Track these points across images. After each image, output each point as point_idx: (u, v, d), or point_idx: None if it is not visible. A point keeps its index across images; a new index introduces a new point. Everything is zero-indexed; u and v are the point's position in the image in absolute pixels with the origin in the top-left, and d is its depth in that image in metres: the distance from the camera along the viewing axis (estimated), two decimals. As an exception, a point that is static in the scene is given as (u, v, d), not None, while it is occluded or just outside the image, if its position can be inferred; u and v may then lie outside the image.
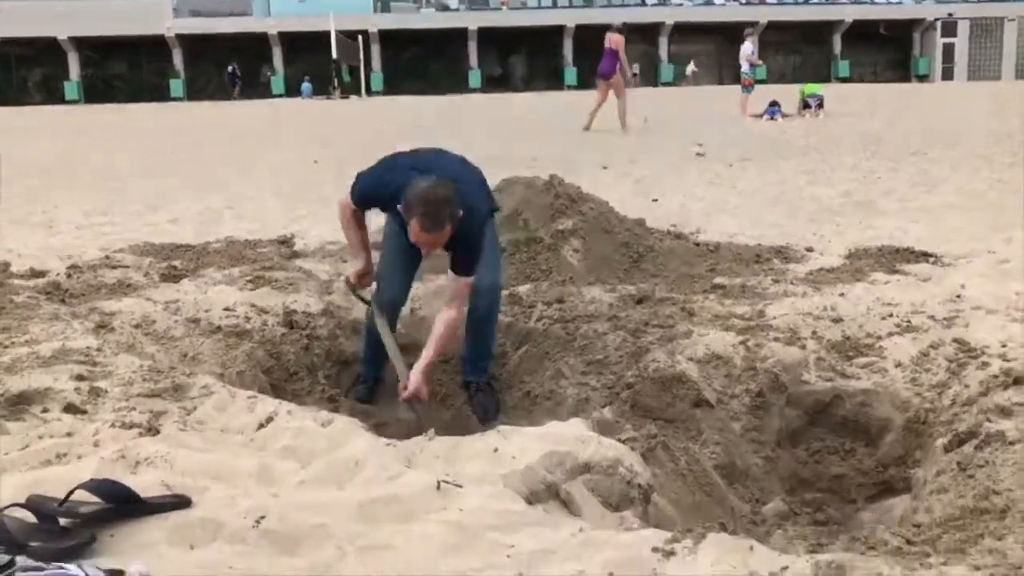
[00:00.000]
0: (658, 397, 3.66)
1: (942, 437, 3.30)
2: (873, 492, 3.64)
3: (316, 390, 4.42)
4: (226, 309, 4.74)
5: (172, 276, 5.52)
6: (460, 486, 2.59)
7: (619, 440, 3.20)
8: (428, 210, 3.40)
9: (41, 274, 5.59)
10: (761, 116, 19.16)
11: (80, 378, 3.49)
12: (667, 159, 11.70)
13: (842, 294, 4.71)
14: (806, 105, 20.08)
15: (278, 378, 4.45)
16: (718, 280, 5.13)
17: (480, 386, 4.32)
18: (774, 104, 19.61)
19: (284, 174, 11.04)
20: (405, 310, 4.78)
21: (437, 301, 4.59)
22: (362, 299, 4.21)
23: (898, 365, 3.90)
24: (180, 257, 6.06)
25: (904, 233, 6.48)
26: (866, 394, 3.78)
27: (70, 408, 3.19)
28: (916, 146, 12.36)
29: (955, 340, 3.96)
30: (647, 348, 4.12)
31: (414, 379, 3.76)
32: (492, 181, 3.37)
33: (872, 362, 3.96)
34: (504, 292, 4.90)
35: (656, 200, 8.33)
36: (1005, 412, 3.12)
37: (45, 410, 3.20)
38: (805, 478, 3.75)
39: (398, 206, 3.57)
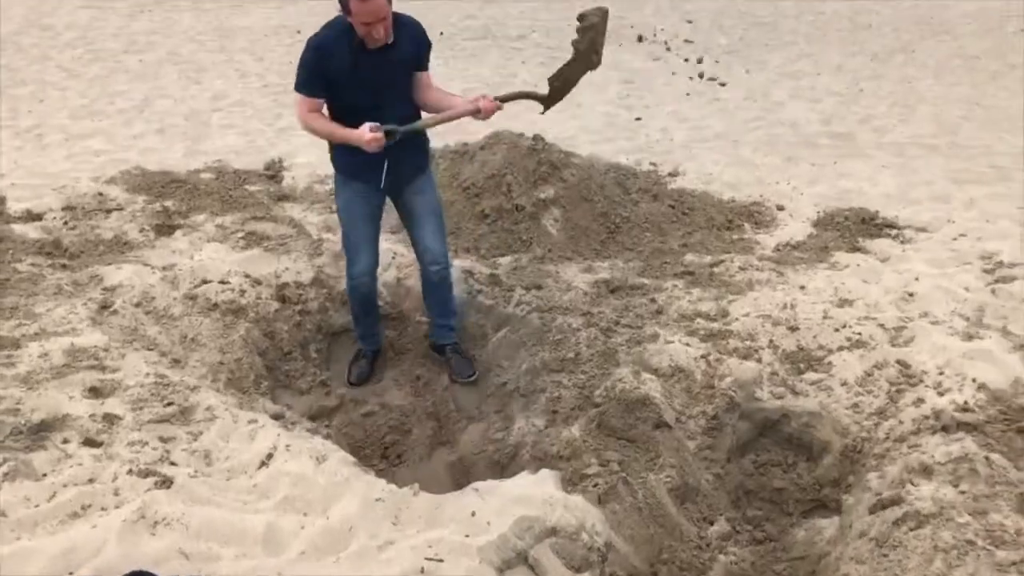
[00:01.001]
0: (623, 419, 4.02)
1: (874, 473, 3.73)
2: (808, 508, 4.09)
3: (308, 372, 4.76)
4: (222, 282, 4.98)
5: (166, 227, 5.71)
6: (441, 560, 2.99)
7: (584, 479, 3.62)
8: None
9: (38, 216, 5.76)
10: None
11: (93, 391, 3.82)
12: (652, 51, 11.58)
13: (803, 287, 5.01)
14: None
15: (273, 358, 4.77)
16: (688, 258, 5.40)
17: (453, 347, 4.80)
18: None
19: (264, 52, 10.87)
20: (390, 277, 5.10)
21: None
22: (389, 131, 3.96)
23: (844, 384, 4.27)
24: (172, 196, 6.21)
25: (874, 186, 6.69)
26: (811, 416, 4.16)
27: (88, 442, 3.51)
28: (906, 38, 12.26)
29: (898, 361, 4.31)
30: (615, 351, 4.47)
31: (484, 104, 4.05)
32: (480, 64, 3.49)
33: (820, 379, 4.32)
34: (485, 270, 5.19)
35: (639, 119, 8.40)
36: (927, 471, 3.52)
37: (65, 440, 3.53)
38: (750, 489, 4.18)
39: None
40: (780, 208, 6.32)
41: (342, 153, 4.19)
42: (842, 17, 13.83)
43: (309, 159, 7.10)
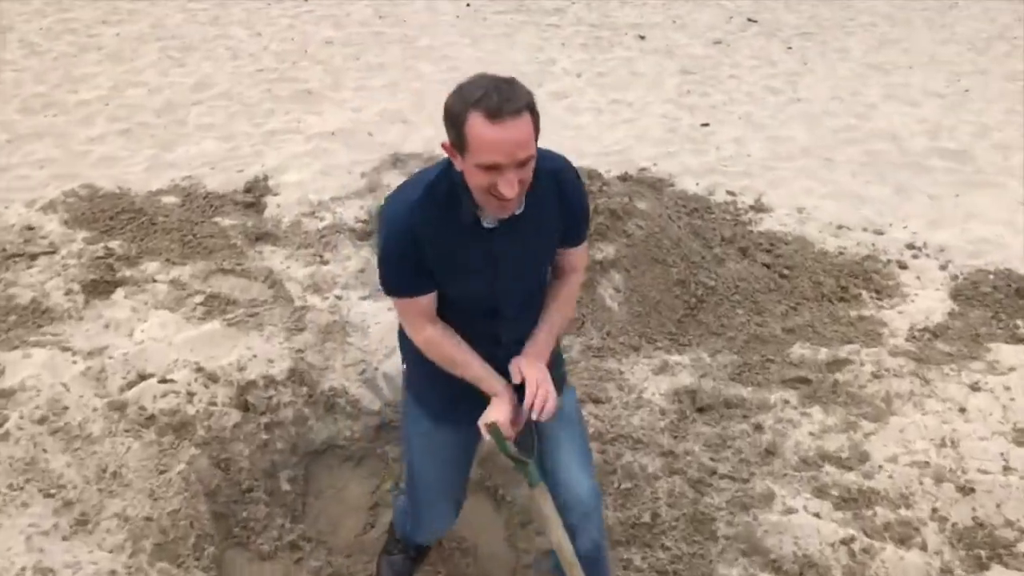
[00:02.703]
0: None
1: None
2: None
3: (274, 524, 3.41)
4: (164, 381, 3.63)
5: (104, 284, 4.35)
6: None
7: None
8: (493, 84, 2.05)
9: (-59, 263, 4.42)
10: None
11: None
12: (712, 27, 10.03)
13: (962, 408, 3.62)
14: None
15: (225, 501, 3.42)
16: (798, 351, 4.00)
17: None
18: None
19: (263, 25, 9.41)
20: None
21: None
22: (515, 458, 2.38)
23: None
24: (121, 232, 4.85)
25: (1015, 233, 5.25)
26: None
27: None
28: (1002, 21, 10.64)
29: None
30: (712, 518, 3.10)
31: (531, 375, 2.34)
32: (512, 46, 2.13)
33: (1013, 583, 2.95)
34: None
35: (706, 125, 6.93)
36: None
37: None
38: None
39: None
40: (902, 266, 4.89)
41: (430, 377, 2.50)
42: (924, -9, 12.15)
43: (301, 176, 5.70)
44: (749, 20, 10.20)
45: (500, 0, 10.76)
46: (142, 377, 3.70)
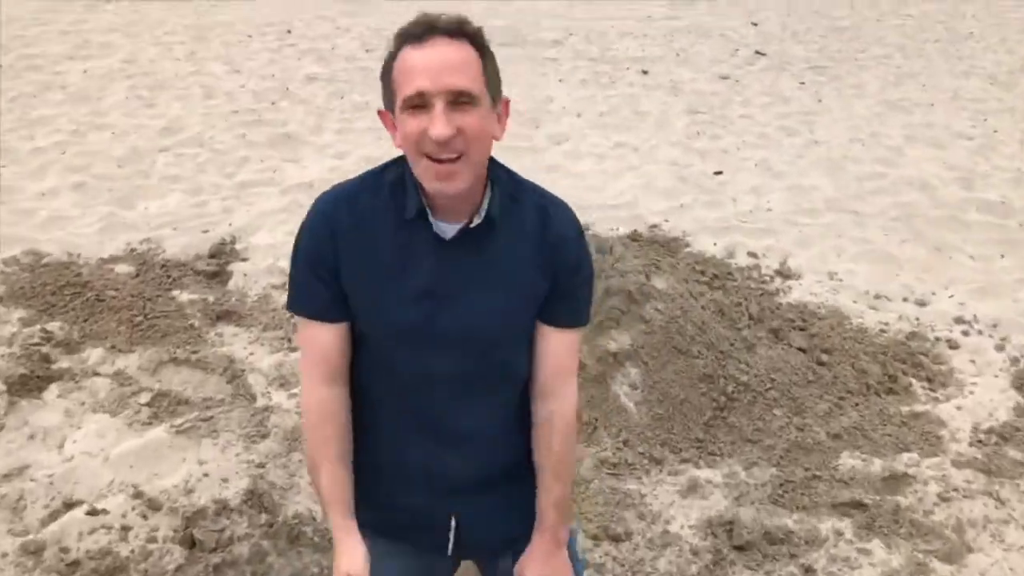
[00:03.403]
0: None
1: None
2: None
3: None
4: (93, 512, 3.01)
5: (35, 380, 3.73)
6: None
7: None
8: (425, 17, 1.63)
9: None
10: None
11: None
12: (717, 60, 9.49)
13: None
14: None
15: (164, 670, 2.80)
16: (848, 463, 3.40)
17: None
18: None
19: (242, 60, 8.84)
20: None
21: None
22: None
23: None
24: (63, 311, 4.24)
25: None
26: None
27: None
28: (1022, 52, 10.14)
29: None
30: None
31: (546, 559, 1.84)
32: (509, 82, 1.59)
33: None
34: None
35: (720, 173, 6.35)
36: None
37: None
38: None
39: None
40: (953, 346, 4.30)
41: (364, 489, 1.85)
42: (934, 22, 11.68)
43: (273, 238, 5.11)
44: (757, 53, 9.69)
45: (494, 31, 10.17)
46: (68, 506, 3.10)
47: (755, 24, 11.22)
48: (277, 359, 3.96)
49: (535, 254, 1.74)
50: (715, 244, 5.21)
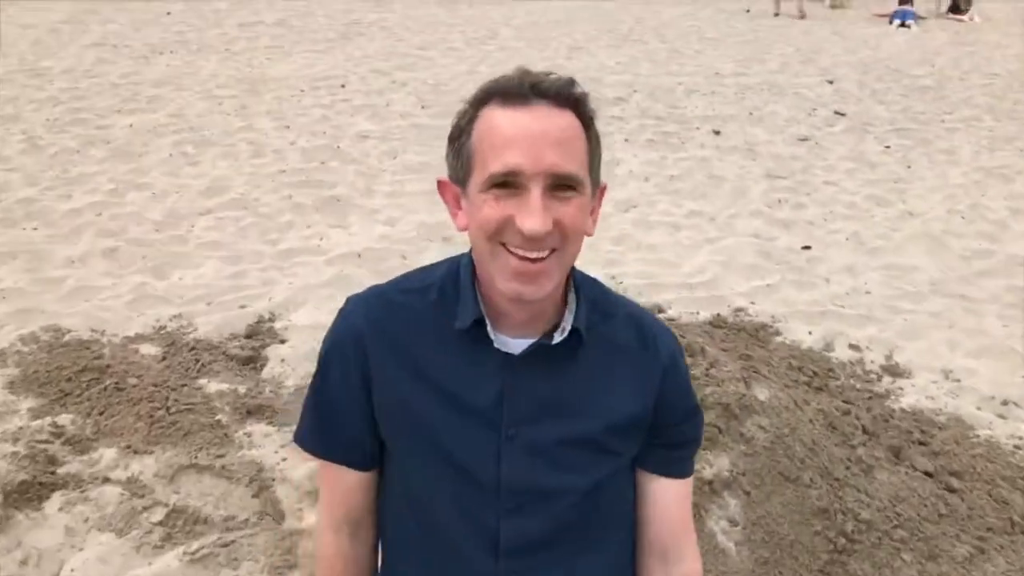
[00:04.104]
0: None
1: None
2: None
3: None
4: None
5: (36, 487, 3.25)
6: None
7: None
8: (526, 74, 1.27)
9: None
10: (890, 20, 15.86)
11: None
12: (794, 120, 8.92)
13: None
14: (954, 7, 16.59)
15: None
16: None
17: None
18: (905, 1, 16.21)
19: (294, 115, 8.48)
20: None
21: None
22: None
23: None
24: (78, 401, 3.77)
25: None
26: None
27: None
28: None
29: None
30: None
31: None
32: None
33: None
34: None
35: (808, 248, 5.75)
36: None
37: None
38: None
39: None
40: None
41: None
42: (1021, 82, 11.00)
43: (316, 316, 4.62)
44: (836, 113, 9.12)
45: (556, 88, 9.76)
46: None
47: (831, 82, 10.65)
48: (311, 467, 3.43)
49: (634, 377, 1.38)
50: (810, 333, 4.61)
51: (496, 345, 1.32)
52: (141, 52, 10.79)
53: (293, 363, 4.16)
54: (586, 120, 1.26)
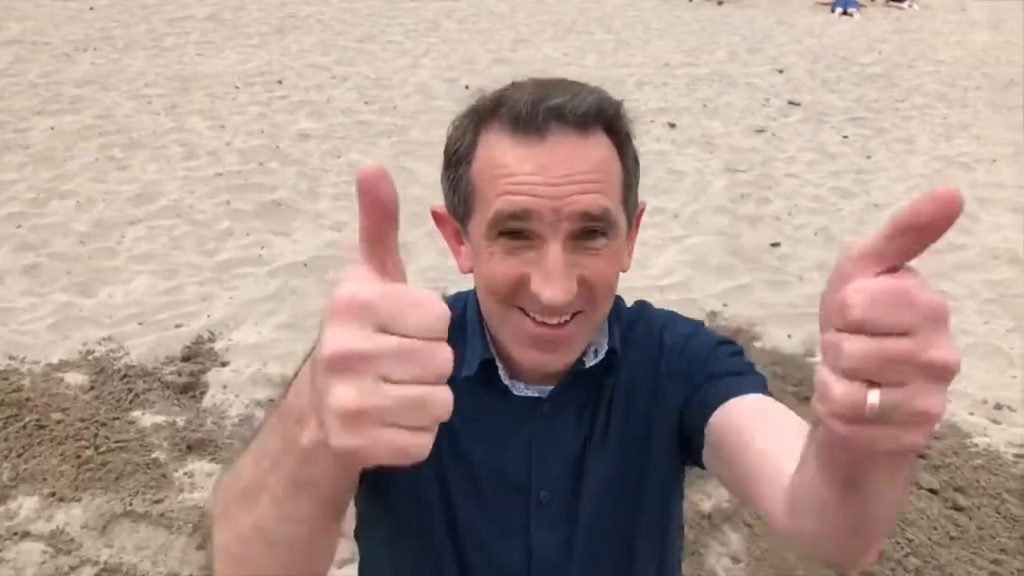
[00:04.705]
0: None
1: None
2: None
3: None
4: None
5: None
6: None
7: None
8: (535, 83, 1.02)
9: None
10: (832, 8, 15.83)
11: None
12: (749, 111, 8.72)
13: None
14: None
15: None
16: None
17: None
18: (846, -14, 16.20)
19: (228, 114, 8.02)
20: None
21: None
22: None
23: None
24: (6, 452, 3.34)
25: None
26: None
27: None
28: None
29: None
30: None
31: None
32: None
33: None
34: None
35: (778, 245, 5.52)
36: None
37: None
38: None
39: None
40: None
41: None
42: (969, 69, 10.97)
43: (259, 335, 4.25)
44: (790, 103, 8.93)
45: (500, 81, 9.42)
46: None
47: (781, 71, 10.49)
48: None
49: (654, 395, 1.14)
50: (790, 337, 4.37)
51: (516, 391, 1.09)
52: (63, 49, 10.17)
53: (236, 389, 3.78)
54: (621, 139, 1.03)
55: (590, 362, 1.09)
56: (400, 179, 6.28)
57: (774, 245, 5.50)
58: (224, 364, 4.00)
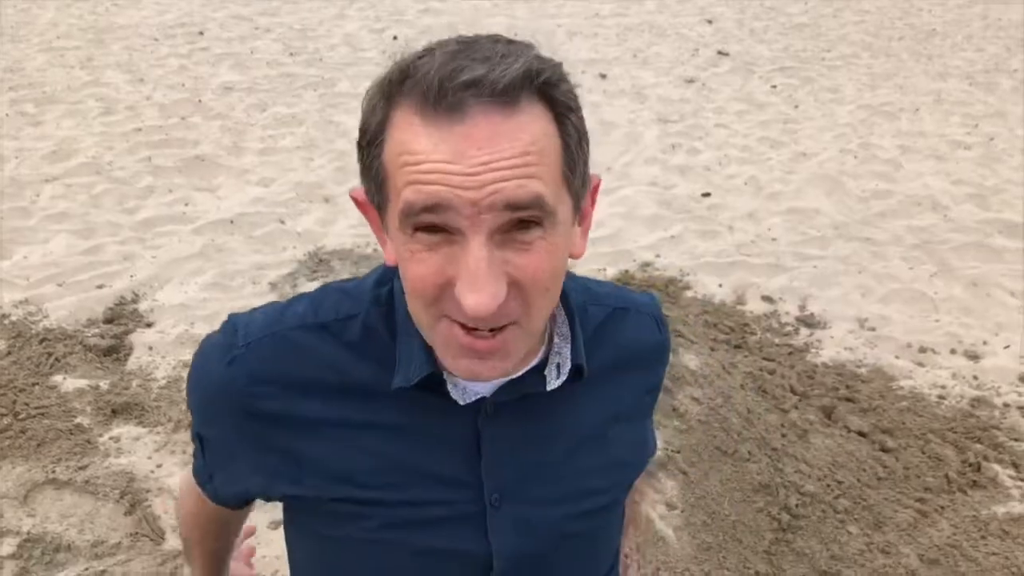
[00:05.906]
0: None
1: None
2: None
3: None
4: None
5: None
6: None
7: None
8: (453, 44, 0.83)
9: None
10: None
11: None
12: (679, 62, 8.72)
13: None
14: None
15: None
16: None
17: None
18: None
19: (147, 68, 7.75)
20: None
21: None
22: None
23: None
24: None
25: None
26: None
27: None
28: (991, 50, 9.61)
29: None
30: None
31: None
32: None
33: None
34: None
35: (708, 195, 5.55)
36: None
37: None
38: None
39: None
40: (1027, 412, 3.56)
41: None
42: (893, 19, 11.12)
43: (184, 295, 4.13)
44: (720, 53, 8.95)
45: (428, 31, 9.28)
46: None
47: (710, 22, 10.50)
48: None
49: (624, 387, 1.10)
50: (720, 286, 4.41)
51: (455, 396, 0.96)
52: (-33, 0, 9.71)
53: (162, 350, 3.69)
54: (560, 110, 0.85)
55: (552, 382, 0.98)
56: (327, 133, 6.17)
57: (705, 195, 5.52)
58: (149, 325, 3.89)
